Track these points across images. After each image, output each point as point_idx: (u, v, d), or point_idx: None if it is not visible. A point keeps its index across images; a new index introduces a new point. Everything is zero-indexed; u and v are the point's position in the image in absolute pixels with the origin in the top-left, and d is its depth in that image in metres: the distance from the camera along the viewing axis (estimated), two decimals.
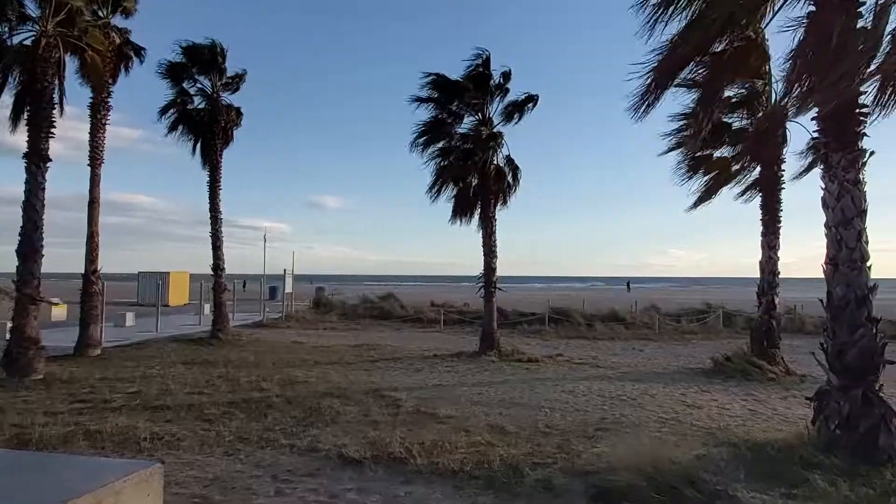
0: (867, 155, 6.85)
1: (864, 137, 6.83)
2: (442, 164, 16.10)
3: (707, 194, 13.98)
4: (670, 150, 13.20)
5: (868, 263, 6.73)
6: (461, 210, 16.22)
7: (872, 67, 6.65)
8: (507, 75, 15.79)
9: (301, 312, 27.05)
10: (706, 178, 13.71)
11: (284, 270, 28.08)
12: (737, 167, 13.86)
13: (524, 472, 5.71)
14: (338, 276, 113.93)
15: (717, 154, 13.19)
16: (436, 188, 16.13)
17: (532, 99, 15.82)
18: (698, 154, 12.98)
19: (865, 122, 6.86)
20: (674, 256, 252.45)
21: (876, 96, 7.07)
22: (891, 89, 7.03)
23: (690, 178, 13.33)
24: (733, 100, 13.00)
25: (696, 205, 14.30)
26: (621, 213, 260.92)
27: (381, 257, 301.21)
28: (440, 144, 16.12)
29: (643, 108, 7.42)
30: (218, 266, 18.74)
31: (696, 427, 7.82)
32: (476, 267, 16.27)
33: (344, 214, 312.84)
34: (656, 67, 7.16)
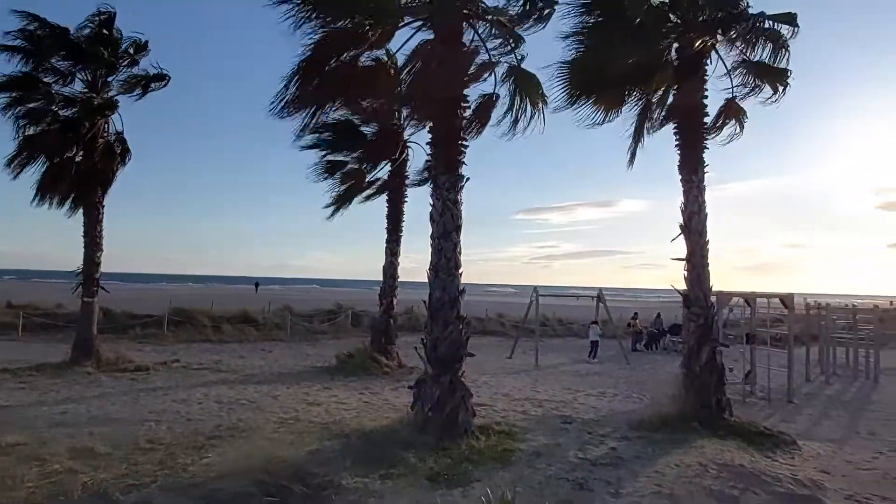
0: (464, 180, 8.62)
1: (464, 165, 8.61)
2: (31, 129, 13.28)
3: (342, 200, 15.36)
4: (321, 171, 14.02)
5: (460, 271, 8.48)
6: (55, 190, 13.64)
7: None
8: (139, 46, 14.16)
9: None
10: (343, 186, 15.02)
11: None
12: (370, 178, 15.62)
13: (115, 496, 5.16)
14: None
15: (348, 158, 14.55)
16: (21, 160, 13.19)
17: (162, 78, 14.43)
18: (333, 158, 14.11)
19: (465, 153, 8.65)
20: (314, 258, 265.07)
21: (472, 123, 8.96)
22: (478, 121, 8.95)
23: (326, 178, 14.39)
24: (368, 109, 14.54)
25: (334, 211, 15.64)
26: (260, 212, 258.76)
27: None
28: (32, 105, 13.26)
29: (286, 110, 7.91)
30: None
31: (314, 423, 8.42)
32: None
33: None
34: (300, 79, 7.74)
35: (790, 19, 9.27)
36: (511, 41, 8.68)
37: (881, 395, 14.04)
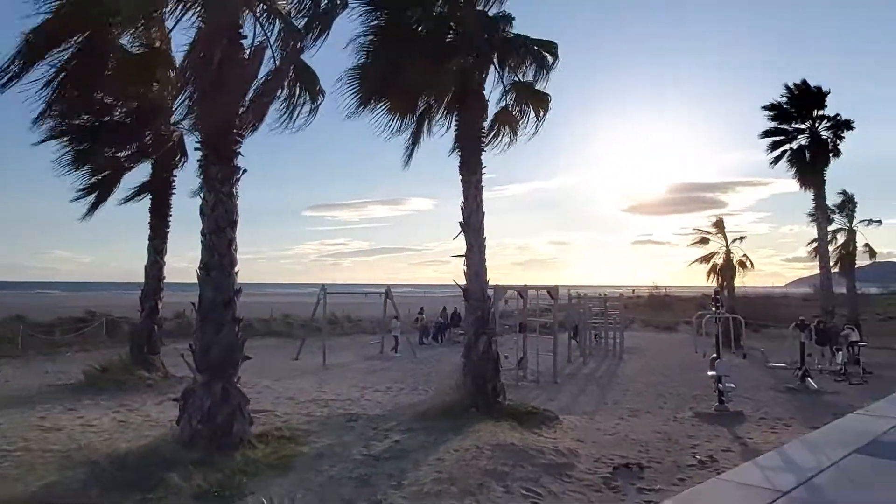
0: (241, 172, 8.20)
1: (239, 156, 8.18)
2: None
3: (100, 197, 13.64)
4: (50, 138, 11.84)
5: (236, 269, 8.07)
6: None
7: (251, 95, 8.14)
8: None
9: None
10: (98, 176, 13.15)
11: None
12: (133, 167, 13.89)
13: None
14: None
15: (102, 147, 12.81)
16: None
17: None
18: (81, 147, 12.18)
19: (241, 143, 8.22)
20: (57, 258, 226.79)
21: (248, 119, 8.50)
22: (253, 114, 8.53)
23: (76, 170, 12.39)
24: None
25: (91, 209, 13.83)
26: None
27: None
28: None
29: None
30: None
31: (52, 452, 7.27)
32: None
33: None
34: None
35: (551, 49, 10.41)
36: (292, 34, 8.40)
37: (624, 369, 16.77)
